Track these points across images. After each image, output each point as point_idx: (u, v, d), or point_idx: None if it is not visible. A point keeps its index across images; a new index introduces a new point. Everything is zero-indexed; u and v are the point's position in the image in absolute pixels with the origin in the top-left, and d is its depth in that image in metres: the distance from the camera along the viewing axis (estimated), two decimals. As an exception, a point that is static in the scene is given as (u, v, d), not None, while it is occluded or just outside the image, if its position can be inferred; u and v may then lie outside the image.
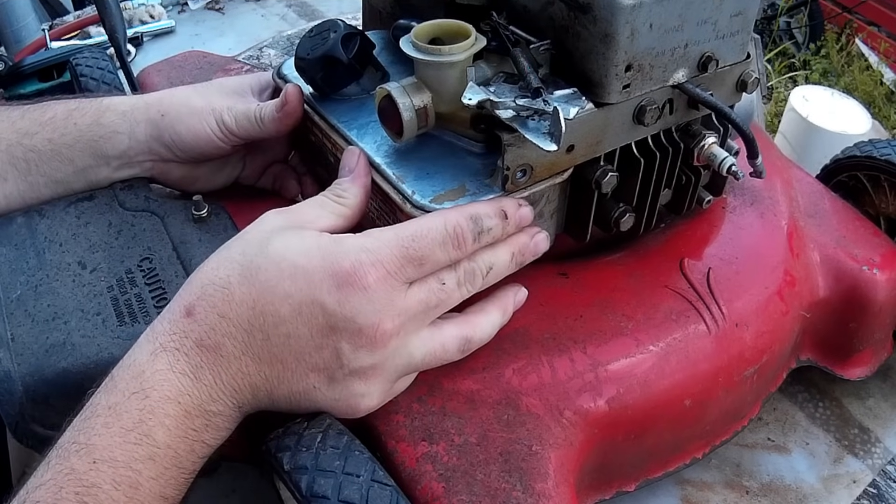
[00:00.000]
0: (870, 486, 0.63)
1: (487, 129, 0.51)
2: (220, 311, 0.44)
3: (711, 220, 0.64)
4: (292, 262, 0.44)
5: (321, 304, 0.44)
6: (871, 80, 2.45)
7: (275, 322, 0.44)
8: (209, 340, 0.43)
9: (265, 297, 0.44)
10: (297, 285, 0.44)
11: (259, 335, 0.44)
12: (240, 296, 0.44)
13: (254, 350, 0.44)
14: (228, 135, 0.59)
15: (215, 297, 0.44)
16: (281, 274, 0.44)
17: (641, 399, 0.54)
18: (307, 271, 0.44)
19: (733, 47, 0.55)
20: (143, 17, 1.28)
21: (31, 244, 0.56)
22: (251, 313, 0.44)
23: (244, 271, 0.44)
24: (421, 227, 0.46)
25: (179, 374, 0.43)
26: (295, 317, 0.44)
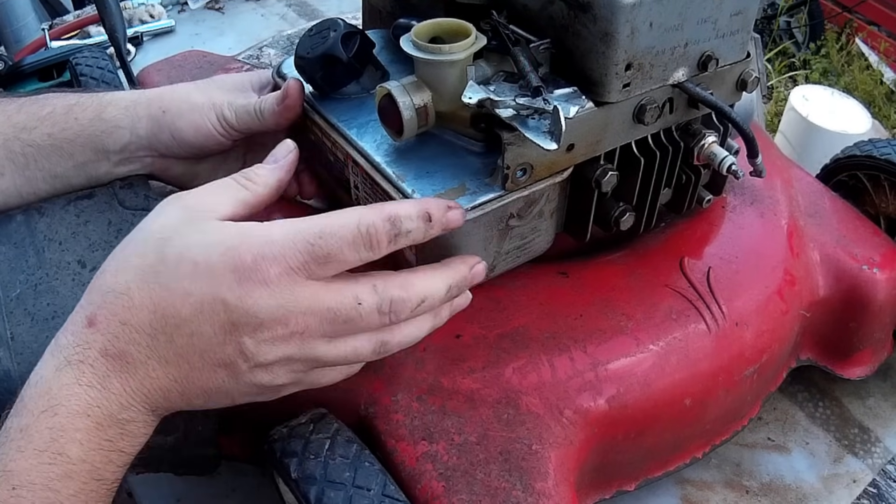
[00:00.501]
0: (870, 485, 0.63)
1: (487, 128, 0.51)
2: (121, 319, 0.43)
3: (711, 220, 0.64)
4: (192, 260, 0.43)
5: (222, 301, 0.42)
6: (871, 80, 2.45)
7: (177, 323, 0.43)
8: (113, 349, 0.42)
9: (165, 300, 0.43)
10: (197, 284, 0.42)
11: (162, 338, 0.43)
12: (140, 301, 0.43)
13: (159, 353, 0.43)
14: (229, 129, 0.59)
15: (116, 305, 0.43)
16: (179, 274, 0.43)
17: (641, 398, 0.54)
18: (208, 268, 0.43)
19: (733, 46, 0.55)
20: (142, 16, 1.28)
21: (31, 243, 0.56)
22: (152, 317, 0.43)
23: (143, 275, 0.43)
24: (332, 224, 0.44)
25: (86, 386, 0.42)
26: (196, 315, 0.43)
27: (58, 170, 0.59)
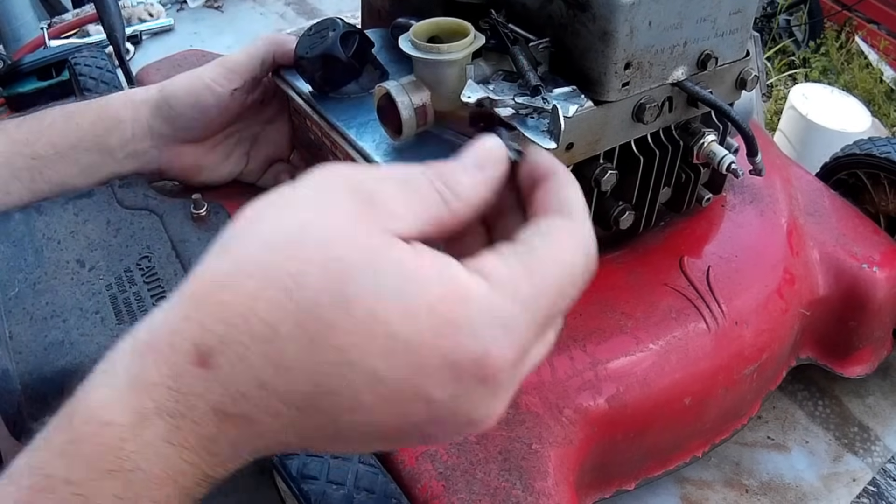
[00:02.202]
0: (870, 484, 0.63)
1: (486, 128, 0.51)
2: (257, 377, 0.28)
3: (711, 219, 0.64)
4: (390, 329, 0.28)
5: (427, 400, 0.29)
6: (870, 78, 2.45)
7: (350, 407, 0.29)
8: (235, 409, 0.29)
9: (343, 375, 0.28)
10: (396, 369, 0.28)
11: (320, 418, 0.30)
12: (294, 362, 0.28)
13: (306, 431, 0.30)
14: (227, 74, 0.59)
15: (253, 354, 0.28)
16: (369, 344, 0.28)
17: (641, 397, 0.54)
18: (413, 349, 0.28)
19: (733, 45, 0.54)
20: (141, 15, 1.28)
21: (30, 242, 0.56)
22: (312, 390, 0.29)
23: (304, 322, 0.28)
24: (571, 274, 0.31)
25: (181, 447, 0.29)
26: (381, 406, 0.29)
27: (63, 178, 0.59)
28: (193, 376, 0.29)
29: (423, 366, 0.28)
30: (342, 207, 0.30)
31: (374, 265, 0.28)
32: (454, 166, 0.33)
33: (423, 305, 0.28)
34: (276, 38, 0.60)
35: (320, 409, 0.29)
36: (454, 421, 0.30)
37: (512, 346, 0.29)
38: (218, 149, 0.64)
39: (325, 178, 0.31)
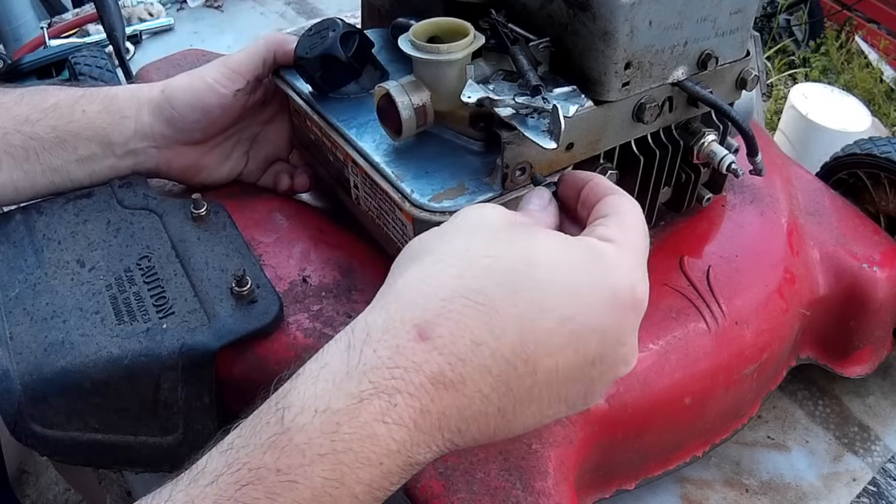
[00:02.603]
0: (870, 484, 0.63)
1: (486, 128, 0.51)
2: (474, 336, 0.33)
3: (711, 218, 0.64)
4: (569, 276, 0.36)
5: (601, 331, 0.36)
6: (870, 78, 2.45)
7: (547, 352, 0.35)
8: (451, 374, 0.33)
9: (539, 320, 0.34)
10: (577, 307, 0.35)
11: (522, 367, 0.34)
12: (506, 318, 0.34)
13: (508, 385, 0.34)
14: (230, 74, 0.59)
15: (469, 317, 0.34)
16: (555, 291, 0.35)
17: (641, 397, 0.54)
18: (585, 290, 0.36)
19: (733, 45, 0.54)
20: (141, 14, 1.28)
21: (30, 242, 0.56)
22: (517, 340, 0.34)
23: (507, 282, 0.35)
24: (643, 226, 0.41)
25: (395, 425, 0.33)
26: (567, 345, 0.35)
27: (59, 163, 0.58)
28: (414, 350, 0.33)
29: (593, 301, 0.36)
30: (496, 217, 0.39)
31: (541, 242, 0.37)
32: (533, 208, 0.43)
33: (581, 262, 0.37)
34: (277, 38, 0.60)
35: (524, 358, 0.34)
36: (615, 353, 0.37)
37: (644, 278, 0.38)
38: (217, 149, 0.63)
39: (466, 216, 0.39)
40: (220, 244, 0.56)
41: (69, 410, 0.49)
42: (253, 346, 0.52)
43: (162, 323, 0.51)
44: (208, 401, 0.51)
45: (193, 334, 0.50)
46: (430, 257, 0.36)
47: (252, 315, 0.52)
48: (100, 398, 0.49)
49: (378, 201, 0.55)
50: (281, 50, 0.59)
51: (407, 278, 0.36)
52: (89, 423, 0.50)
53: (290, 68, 0.60)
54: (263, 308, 0.52)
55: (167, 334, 0.50)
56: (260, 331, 0.52)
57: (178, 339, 0.50)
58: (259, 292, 0.53)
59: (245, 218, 0.60)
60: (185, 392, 0.50)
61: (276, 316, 0.52)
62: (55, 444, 0.49)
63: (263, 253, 0.58)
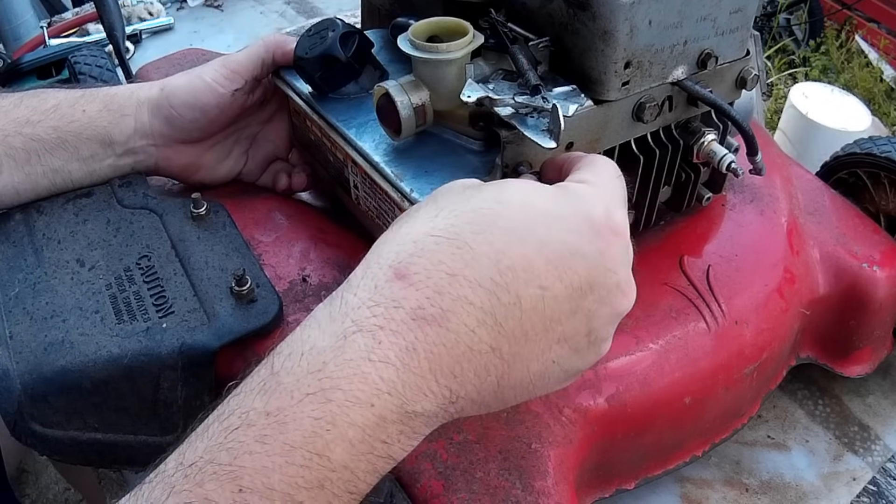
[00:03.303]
0: (870, 483, 0.63)
1: (486, 127, 0.51)
2: (449, 269, 0.34)
3: (711, 218, 0.64)
4: (539, 206, 0.36)
5: (582, 255, 0.36)
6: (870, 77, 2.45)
7: (527, 279, 0.34)
8: (431, 309, 0.33)
9: (513, 248, 0.34)
10: (553, 232, 0.35)
11: (505, 297, 0.34)
12: (477, 247, 0.34)
13: (494, 318, 0.34)
14: (228, 74, 0.59)
15: (440, 252, 0.34)
16: (529, 218, 0.35)
17: (641, 397, 0.54)
18: (561, 216, 0.36)
19: (733, 44, 0.54)
20: (141, 14, 1.28)
21: (30, 241, 0.56)
22: (495, 269, 0.34)
23: (476, 218, 0.35)
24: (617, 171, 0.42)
25: (381, 362, 0.32)
26: (551, 270, 0.35)
27: (60, 164, 0.58)
28: (393, 288, 0.33)
29: (571, 225, 0.36)
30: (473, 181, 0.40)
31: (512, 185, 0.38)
32: None
33: (554, 196, 0.37)
34: (276, 39, 0.60)
35: (504, 286, 0.34)
36: (605, 281, 0.37)
37: (621, 205, 0.39)
38: (216, 148, 0.63)
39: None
40: (219, 243, 0.56)
41: (69, 410, 0.49)
42: (253, 345, 0.52)
43: (162, 322, 0.51)
44: (208, 400, 0.51)
45: (193, 334, 0.50)
46: (404, 216, 0.38)
47: (252, 314, 0.52)
48: (99, 397, 0.49)
49: (378, 201, 0.55)
50: (280, 51, 0.59)
51: (383, 236, 0.37)
52: (89, 422, 0.50)
53: (290, 68, 0.60)
54: (263, 307, 0.52)
55: (167, 334, 0.50)
56: (260, 330, 0.52)
57: (178, 338, 0.50)
58: (259, 292, 0.53)
59: (245, 217, 0.60)
60: (184, 391, 0.50)
61: (276, 315, 0.52)
62: (55, 443, 0.49)
63: (263, 252, 0.58)
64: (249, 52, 0.60)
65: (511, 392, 0.37)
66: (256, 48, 0.60)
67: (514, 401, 0.37)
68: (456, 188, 0.39)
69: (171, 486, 0.31)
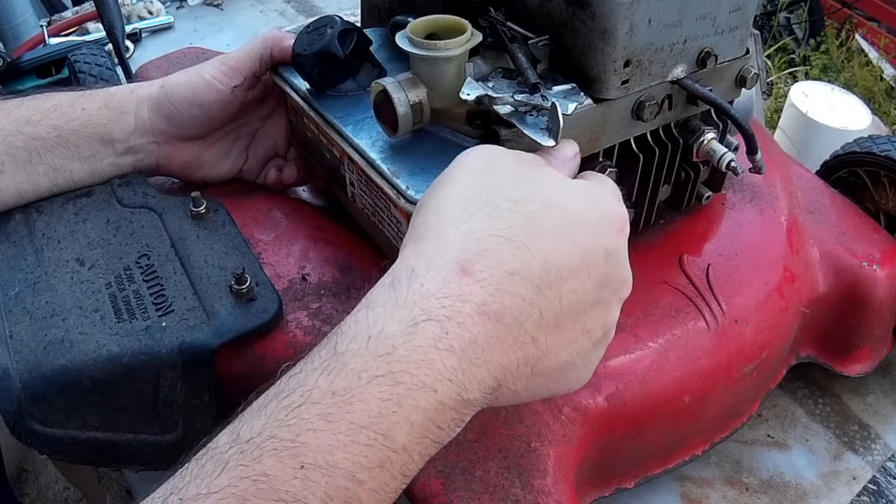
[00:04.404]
0: (870, 482, 0.63)
1: (483, 125, 0.51)
2: (509, 268, 0.37)
3: (711, 217, 0.64)
4: (573, 207, 0.40)
5: (605, 251, 0.40)
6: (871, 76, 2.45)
7: (566, 276, 0.38)
8: (494, 305, 0.36)
9: (558, 248, 0.38)
10: (585, 232, 0.40)
11: (549, 293, 0.38)
12: (533, 249, 0.38)
13: (539, 312, 0.37)
14: (227, 71, 0.59)
15: (502, 252, 0.37)
16: (568, 221, 0.39)
17: (640, 396, 0.54)
18: (588, 216, 0.41)
19: (732, 43, 0.54)
20: (141, 13, 1.27)
21: (30, 241, 0.56)
22: (543, 268, 0.38)
23: (530, 221, 0.39)
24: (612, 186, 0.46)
25: (446, 351, 0.34)
26: (582, 267, 0.39)
27: (61, 163, 0.58)
28: (460, 284, 0.36)
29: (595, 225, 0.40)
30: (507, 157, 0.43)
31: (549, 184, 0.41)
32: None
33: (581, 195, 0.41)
34: (275, 36, 0.60)
35: (548, 284, 0.37)
36: (618, 273, 0.41)
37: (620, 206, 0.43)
38: (217, 145, 0.64)
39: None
40: (219, 242, 0.56)
41: (69, 409, 0.49)
42: (252, 344, 0.52)
43: (161, 321, 0.51)
44: (207, 399, 0.51)
45: (193, 332, 0.50)
46: (453, 207, 0.39)
47: (251, 313, 0.52)
48: (99, 396, 0.49)
49: (374, 198, 0.55)
50: (278, 47, 0.59)
51: (437, 225, 0.39)
52: (89, 421, 0.50)
53: (288, 65, 0.60)
54: (263, 306, 0.52)
55: (166, 332, 0.50)
56: (259, 329, 0.52)
57: (178, 337, 0.50)
58: (258, 290, 0.53)
59: (244, 216, 0.60)
60: (184, 390, 0.50)
61: (276, 314, 0.52)
62: (55, 442, 0.49)
63: (262, 251, 0.58)
64: (248, 49, 0.60)
65: (540, 381, 0.39)
66: (255, 45, 0.60)
67: (539, 393, 0.40)
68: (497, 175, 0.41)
69: (224, 462, 0.31)
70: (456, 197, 0.40)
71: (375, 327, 0.35)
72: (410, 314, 0.35)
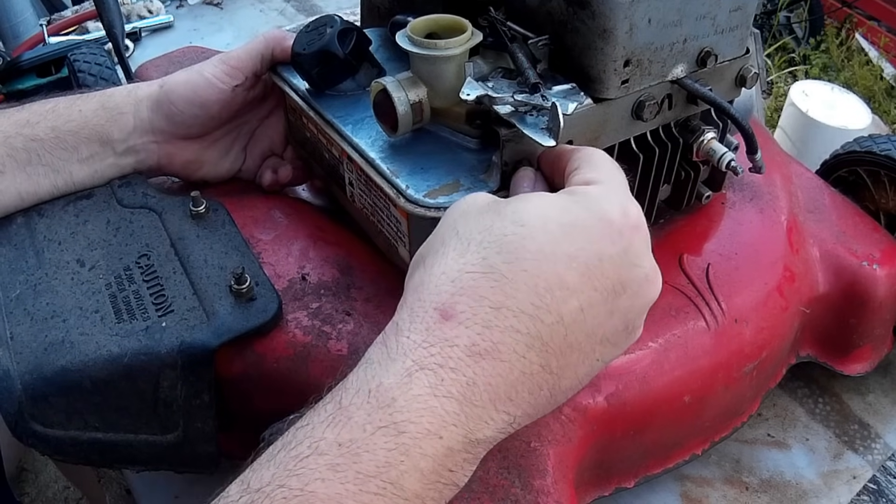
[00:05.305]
0: (870, 481, 0.63)
1: (483, 125, 0.51)
2: (491, 303, 0.35)
3: (710, 216, 0.64)
4: (559, 220, 0.37)
5: (610, 258, 0.37)
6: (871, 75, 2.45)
7: (564, 296, 0.36)
8: (484, 344, 0.35)
9: (546, 269, 0.36)
10: (578, 244, 0.36)
11: (549, 318, 0.35)
12: (513, 276, 0.35)
13: (541, 339, 0.35)
14: (228, 70, 0.59)
15: (480, 287, 0.35)
16: (553, 236, 0.36)
17: (640, 395, 0.54)
18: (579, 227, 0.37)
19: (732, 42, 0.54)
20: (141, 12, 1.27)
21: (31, 244, 0.56)
22: (534, 293, 0.35)
23: (504, 247, 0.36)
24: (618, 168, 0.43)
25: (444, 397, 0.34)
26: (584, 282, 0.36)
27: (61, 164, 0.58)
28: (443, 329, 0.35)
29: (593, 233, 0.37)
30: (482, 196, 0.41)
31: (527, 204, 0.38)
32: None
33: (569, 206, 0.38)
34: (276, 35, 0.60)
35: (545, 308, 0.35)
36: (633, 276, 0.38)
37: (632, 202, 0.40)
38: (217, 144, 0.64)
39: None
40: (219, 242, 0.56)
41: (69, 409, 0.49)
42: (252, 343, 0.52)
43: (161, 321, 0.51)
44: (208, 399, 0.51)
45: (193, 332, 0.50)
46: (432, 255, 0.38)
47: (251, 313, 0.52)
48: (100, 397, 0.49)
49: (373, 198, 0.54)
50: (279, 47, 0.59)
51: (417, 277, 0.38)
52: (89, 421, 0.50)
53: (288, 65, 0.60)
54: (262, 306, 0.52)
55: (166, 332, 0.50)
56: (259, 328, 0.52)
57: (178, 337, 0.50)
58: (258, 290, 0.53)
59: (244, 216, 0.60)
60: (184, 390, 0.50)
61: (276, 314, 0.52)
62: (55, 442, 0.49)
63: (262, 251, 0.58)
64: (249, 48, 0.60)
65: (562, 396, 0.38)
66: (256, 44, 0.60)
67: (565, 400, 0.39)
68: (472, 213, 0.39)
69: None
70: (433, 243, 0.39)
71: (374, 381, 0.34)
72: (403, 366, 0.34)
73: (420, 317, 0.36)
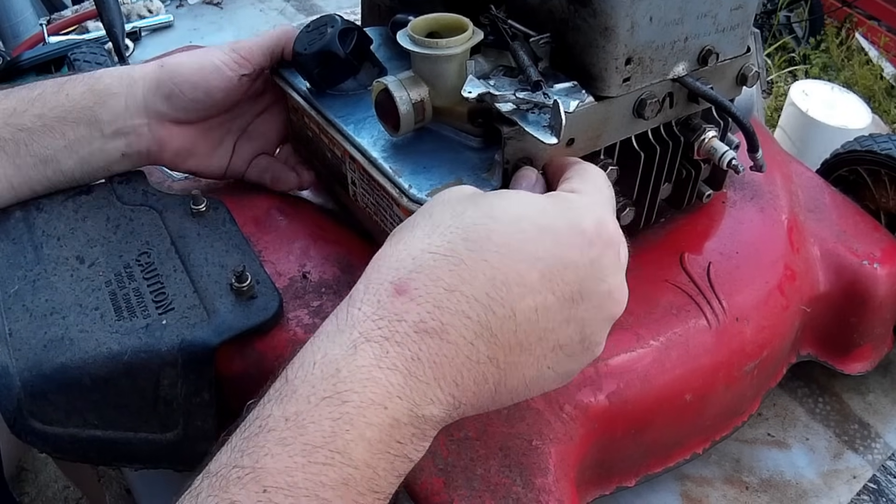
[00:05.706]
0: (870, 481, 0.63)
1: (485, 123, 0.51)
2: (446, 285, 0.35)
3: (711, 215, 0.64)
4: (532, 220, 0.37)
5: (575, 266, 0.37)
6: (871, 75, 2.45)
7: (521, 293, 0.36)
8: (432, 322, 0.35)
9: (508, 263, 0.36)
10: (545, 246, 0.37)
11: (501, 311, 0.36)
12: (473, 263, 0.36)
13: (490, 330, 0.36)
14: (238, 59, 0.59)
15: (438, 268, 0.36)
16: (523, 234, 0.37)
17: (641, 394, 0.54)
18: (552, 229, 0.37)
19: (733, 41, 0.54)
20: (141, 11, 1.27)
21: (29, 239, 0.56)
22: (490, 284, 0.36)
23: (471, 235, 0.37)
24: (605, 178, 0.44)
25: (389, 369, 0.34)
26: (545, 283, 0.36)
27: (49, 153, 0.57)
28: (394, 304, 0.35)
29: (562, 239, 0.37)
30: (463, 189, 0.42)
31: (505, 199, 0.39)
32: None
33: (546, 208, 0.39)
34: (289, 32, 0.59)
35: (499, 300, 0.36)
36: (596, 289, 0.38)
37: (611, 213, 0.40)
38: (210, 135, 0.62)
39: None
40: (219, 240, 0.56)
41: (69, 407, 0.49)
42: (252, 342, 0.52)
43: (161, 319, 0.51)
44: (208, 397, 0.51)
45: (193, 330, 0.50)
46: (401, 232, 0.39)
47: (252, 311, 0.52)
48: (99, 394, 0.49)
49: (376, 197, 0.54)
50: (289, 47, 0.59)
51: (382, 251, 0.39)
52: (89, 419, 0.50)
53: (289, 65, 0.60)
54: (263, 304, 0.52)
55: (167, 330, 0.50)
56: (259, 327, 0.52)
57: (178, 334, 0.50)
58: (259, 288, 0.53)
59: (244, 214, 0.60)
60: (184, 388, 0.50)
61: (276, 312, 0.52)
62: (55, 440, 0.49)
63: (263, 249, 0.58)
64: (261, 41, 0.59)
65: (507, 396, 0.39)
66: (268, 39, 0.59)
67: (509, 403, 0.39)
68: (451, 201, 0.40)
69: (196, 495, 0.32)
70: (407, 223, 0.39)
71: (319, 353, 0.35)
72: (350, 337, 0.35)
73: (374, 290, 0.36)
